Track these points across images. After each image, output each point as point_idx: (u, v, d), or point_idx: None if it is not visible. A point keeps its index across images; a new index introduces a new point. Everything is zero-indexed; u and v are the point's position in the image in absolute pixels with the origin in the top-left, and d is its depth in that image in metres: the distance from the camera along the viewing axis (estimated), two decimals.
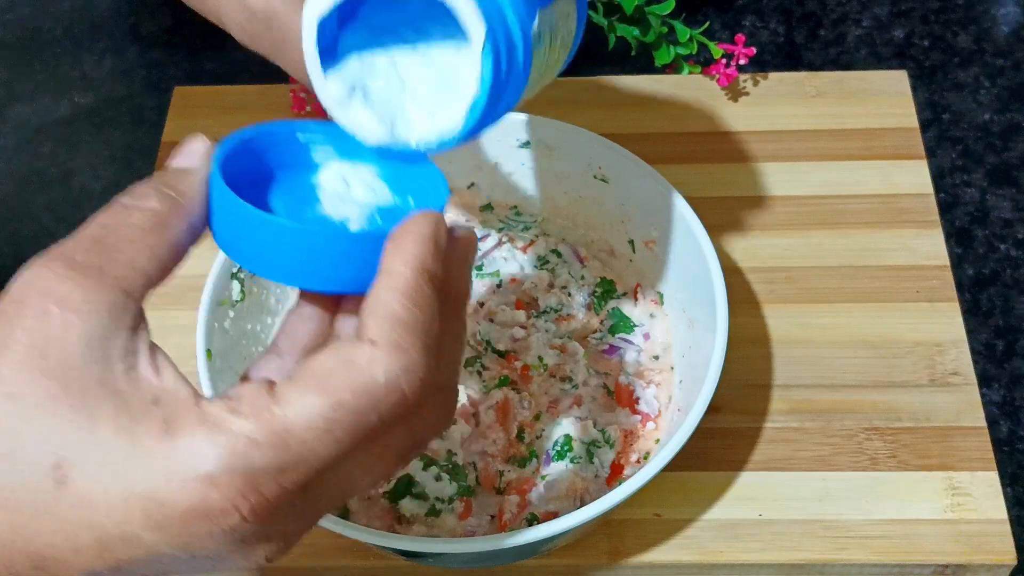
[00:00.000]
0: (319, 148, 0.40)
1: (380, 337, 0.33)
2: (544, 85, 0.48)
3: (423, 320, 0.34)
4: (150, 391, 0.32)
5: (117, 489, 0.30)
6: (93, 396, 0.31)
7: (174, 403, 0.32)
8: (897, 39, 0.86)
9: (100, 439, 0.30)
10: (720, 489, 0.63)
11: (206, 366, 0.57)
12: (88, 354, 0.31)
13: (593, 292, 0.68)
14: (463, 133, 0.39)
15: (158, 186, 0.36)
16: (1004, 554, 0.60)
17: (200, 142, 0.38)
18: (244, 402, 0.31)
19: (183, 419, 0.31)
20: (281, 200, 0.40)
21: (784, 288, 0.70)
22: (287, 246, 0.35)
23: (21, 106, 0.86)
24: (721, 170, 0.76)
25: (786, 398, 0.66)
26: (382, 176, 0.40)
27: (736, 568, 0.61)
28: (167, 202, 0.35)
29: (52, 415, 0.30)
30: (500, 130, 0.67)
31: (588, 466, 0.61)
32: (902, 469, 0.63)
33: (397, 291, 0.34)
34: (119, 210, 0.35)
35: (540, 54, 0.43)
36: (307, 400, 0.31)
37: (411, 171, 0.40)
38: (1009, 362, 0.70)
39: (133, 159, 0.82)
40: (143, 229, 0.34)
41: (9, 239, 0.79)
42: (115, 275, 0.33)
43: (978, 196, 0.77)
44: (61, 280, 0.32)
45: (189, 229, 0.36)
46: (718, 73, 0.78)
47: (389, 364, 0.32)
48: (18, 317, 0.32)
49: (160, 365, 0.33)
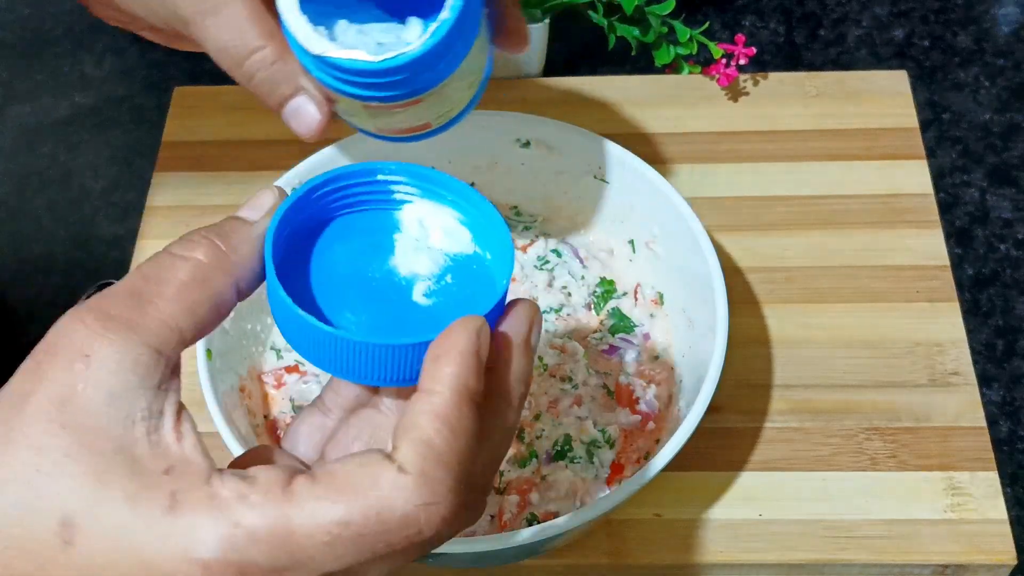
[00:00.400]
0: (400, 188, 0.39)
1: (409, 464, 0.31)
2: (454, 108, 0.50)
3: (457, 449, 0.32)
4: (166, 459, 0.31)
5: (118, 557, 0.30)
6: (107, 458, 0.30)
7: (187, 476, 0.31)
8: (897, 39, 0.86)
9: (107, 504, 0.30)
10: (720, 489, 0.63)
11: (206, 366, 0.57)
12: (109, 413, 0.31)
13: (593, 292, 0.68)
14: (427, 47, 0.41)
15: (209, 236, 0.35)
16: (1004, 554, 0.60)
17: (268, 195, 0.37)
18: (257, 489, 0.31)
19: (191, 495, 0.30)
20: (355, 243, 0.38)
21: (784, 288, 0.70)
22: (323, 343, 0.34)
23: (21, 106, 0.86)
24: (721, 170, 0.76)
25: (786, 398, 0.66)
26: (465, 223, 0.39)
27: (736, 568, 0.61)
28: (213, 255, 0.34)
29: (65, 473, 0.30)
30: (500, 130, 0.67)
31: (588, 466, 0.61)
32: (902, 469, 0.63)
33: (433, 415, 0.32)
34: (164, 259, 0.34)
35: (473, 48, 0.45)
36: (319, 508, 0.31)
37: (489, 223, 0.38)
38: (1009, 362, 0.70)
39: (133, 159, 0.82)
40: (184, 284, 0.33)
41: (9, 239, 0.79)
42: (147, 331, 0.32)
43: (978, 196, 0.77)
44: (91, 334, 0.31)
45: (234, 285, 0.35)
46: (718, 73, 0.78)
47: (411, 496, 0.31)
48: (47, 368, 0.31)
49: (183, 431, 0.32)
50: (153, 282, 0.33)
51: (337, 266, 0.37)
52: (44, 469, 0.30)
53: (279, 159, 0.70)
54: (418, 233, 0.39)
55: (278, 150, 0.76)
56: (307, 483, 0.31)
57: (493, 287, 0.37)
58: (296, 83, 0.47)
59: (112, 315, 0.32)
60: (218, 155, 0.78)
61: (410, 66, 0.42)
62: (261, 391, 0.65)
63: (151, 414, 0.32)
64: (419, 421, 0.32)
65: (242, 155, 0.78)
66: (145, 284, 0.33)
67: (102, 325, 0.32)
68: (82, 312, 0.32)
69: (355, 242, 0.38)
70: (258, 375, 0.65)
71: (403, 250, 0.38)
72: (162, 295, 0.33)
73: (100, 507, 0.30)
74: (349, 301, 0.37)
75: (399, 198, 0.39)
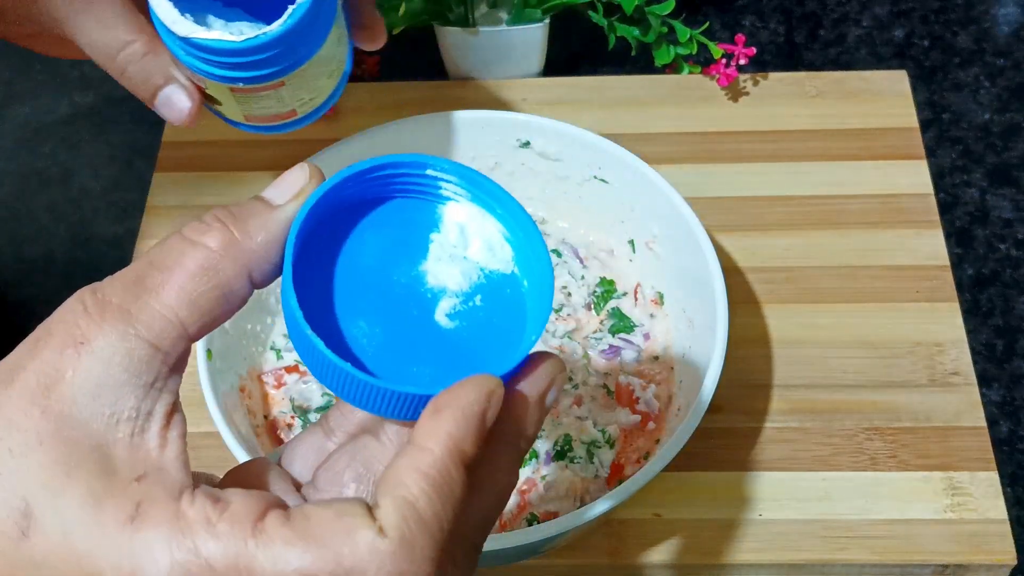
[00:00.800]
0: (449, 187, 0.35)
1: (389, 525, 0.29)
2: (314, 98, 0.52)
3: (442, 514, 0.30)
4: (142, 465, 0.30)
5: (66, 562, 0.28)
6: (80, 452, 0.29)
7: (158, 487, 0.29)
8: (897, 39, 0.86)
9: (69, 500, 0.29)
10: (720, 489, 0.63)
11: (206, 366, 0.57)
12: (93, 406, 0.29)
13: (593, 292, 0.68)
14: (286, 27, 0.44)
15: (225, 220, 0.32)
16: (1004, 554, 0.60)
17: (300, 174, 0.33)
18: (226, 517, 0.29)
19: (156, 510, 0.29)
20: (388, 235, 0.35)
21: (784, 288, 0.70)
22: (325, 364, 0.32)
23: (21, 106, 0.86)
24: (721, 170, 0.76)
25: (786, 398, 0.66)
26: (509, 240, 0.35)
27: (736, 568, 0.61)
28: (226, 242, 0.31)
29: (33, 459, 0.29)
30: (500, 130, 0.67)
31: (588, 466, 0.61)
32: (902, 469, 0.63)
33: (420, 473, 0.30)
34: (175, 244, 0.31)
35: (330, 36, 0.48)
36: (285, 552, 0.29)
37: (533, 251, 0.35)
38: (1009, 362, 0.70)
39: (133, 159, 0.82)
40: (190, 273, 0.31)
41: (9, 239, 0.79)
42: (144, 324, 0.30)
43: (978, 196, 0.77)
44: (88, 319, 0.30)
45: (246, 276, 0.32)
46: (718, 73, 0.78)
47: (386, 561, 0.29)
48: (42, 347, 0.30)
49: (169, 438, 0.30)
50: (158, 269, 0.31)
51: (363, 260, 0.34)
52: (15, 450, 0.29)
53: (279, 159, 0.70)
54: (456, 240, 0.35)
55: (278, 150, 0.76)
56: (279, 522, 0.29)
57: (522, 334, 0.34)
58: (167, 73, 0.50)
59: (112, 302, 0.30)
60: (218, 155, 0.78)
61: (271, 45, 0.45)
62: (261, 391, 0.65)
63: (138, 414, 0.30)
64: (405, 479, 0.30)
65: (242, 155, 0.78)
66: (150, 271, 0.31)
67: (100, 312, 0.30)
68: (86, 295, 0.31)
69: (388, 234, 0.35)
70: (258, 375, 0.65)
71: (436, 255, 0.35)
72: (166, 284, 0.31)
73: (60, 502, 0.29)
74: (367, 307, 0.34)
75: (445, 194, 0.35)
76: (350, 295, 0.34)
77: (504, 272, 0.35)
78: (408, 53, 0.85)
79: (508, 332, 0.34)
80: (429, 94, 0.80)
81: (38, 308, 0.76)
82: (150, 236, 0.74)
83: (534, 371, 0.34)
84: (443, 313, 0.35)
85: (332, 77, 0.52)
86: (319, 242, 0.34)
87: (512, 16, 0.79)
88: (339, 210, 0.34)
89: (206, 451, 0.63)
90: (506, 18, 0.80)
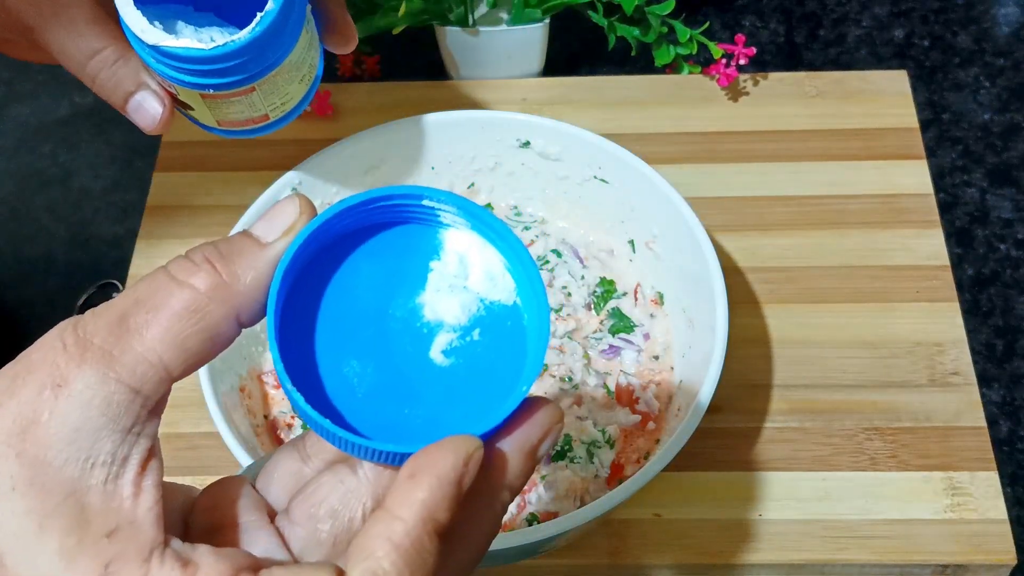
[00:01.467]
0: (447, 216, 0.34)
1: None
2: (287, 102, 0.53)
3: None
4: (115, 517, 0.29)
5: None
6: (54, 502, 0.28)
7: (129, 545, 0.29)
8: (897, 39, 0.86)
9: (41, 555, 0.28)
10: (720, 489, 0.63)
11: (206, 366, 0.57)
12: (69, 451, 0.29)
13: (593, 292, 0.68)
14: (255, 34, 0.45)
15: (212, 259, 0.31)
16: (1004, 554, 0.60)
17: (291, 208, 0.32)
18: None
19: (125, 573, 0.28)
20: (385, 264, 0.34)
21: (784, 288, 0.70)
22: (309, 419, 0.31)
23: (21, 106, 0.86)
24: (721, 170, 0.76)
25: (786, 398, 0.66)
26: (511, 271, 0.34)
27: (736, 568, 0.61)
28: (213, 284, 0.31)
29: (7, 507, 0.28)
30: (500, 130, 0.67)
31: (588, 466, 0.61)
32: (902, 469, 0.63)
33: (392, 544, 0.29)
34: (160, 282, 0.30)
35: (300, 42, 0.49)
36: None
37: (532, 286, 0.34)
38: (1009, 362, 0.70)
39: (133, 159, 0.82)
40: (175, 313, 0.30)
41: (9, 239, 0.79)
42: (125, 367, 0.29)
43: (978, 196, 0.77)
44: (68, 359, 0.29)
45: (234, 317, 0.31)
46: (718, 73, 0.78)
47: None
48: (20, 386, 0.29)
49: (143, 487, 0.30)
50: (143, 309, 0.30)
51: (358, 292, 0.33)
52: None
53: (279, 159, 0.70)
54: (457, 269, 0.34)
55: (278, 150, 0.76)
56: None
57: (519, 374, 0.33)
58: (138, 80, 0.50)
59: (94, 343, 0.29)
60: (218, 155, 0.78)
61: (240, 52, 0.46)
62: (261, 391, 0.65)
63: (114, 459, 0.29)
64: (376, 550, 0.29)
65: (242, 155, 0.78)
66: (135, 309, 0.30)
67: (80, 353, 0.29)
68: (67, 333, 0.30)
69: (386, 262, 0.34)
70: (258, 375, 0.65)
71: (436, 286, 0.34)
72: (150, 326, 0.30)
73: (32, 555, 0.28)
74: (360, 345, 0.33)
75: (445, 221, 0.34)
76: (342, 332, 0.33)
77: (506, 303, 0.34)
78: (408, 53, 0.85)
79: (505, 371, 0.33)
80: (429, 94, 0.80)
81: (38, 308, 0.76)
82: (150, 236, 0.74)
83: (527, 421, 0.32)
84: (439, 350, 0.33)
85: (303, 82, 0.52)
86: (312, 276, 0.33)
87: (512, 16, 0.79)
88: (334, 240, 0.33)
89: (206, 451, 0.63)
90: (506, 18, 0.80)
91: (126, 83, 0.50)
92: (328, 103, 0.79)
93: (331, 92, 0.79)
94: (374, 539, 0.29)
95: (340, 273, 0.33)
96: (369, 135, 0.66)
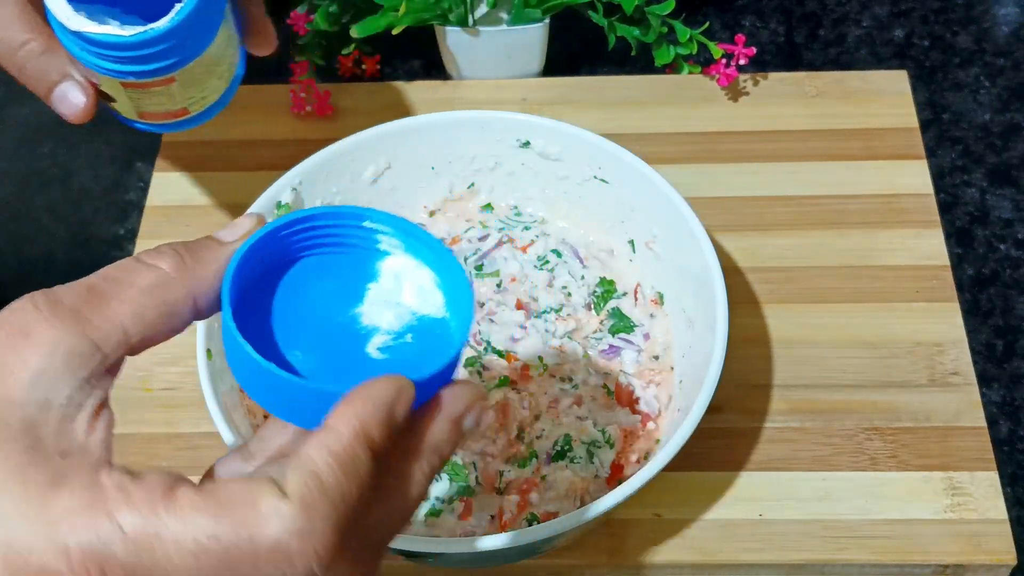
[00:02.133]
0: (385, 238, 0.39)
1: (292, 491, 0.31)
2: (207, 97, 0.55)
3: (345, 489, 0.32)
4: (68, 443, 0.32)
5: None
6: (11, 430, 0.31)
7: (78, 460, 0.31)
8: (897, 39, 0.86)
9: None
10: (720, 489, 0.63)
11: (206, 366, 0.57)
12: (29, 391, 0.32)
13: (593, 292, 0.68)
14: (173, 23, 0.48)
15: (178, 248, 0.36)
16: (1004, 554, 0.60)
17: (247, 220, 0.37)
18: (140, 487, 0.31)
19: (75, 478, 0.31)
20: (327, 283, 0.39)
21: (784, 288, 0.70)
22: (253, 371, 0.35)
23: (21, 106, 0.86)
24: (721, 170, 0.76)
25: (786, 398, 0.66)
26: (440, 286, 0.39)
27: (736, 568, 0.61)
28: (177, 266, 0.35)
29: None
30: (500, 130, 0.67)
31: (588, 466, 0.61)
32: (902, 469, 0.63)
33: (327, 449, 0.32)
34: (129, 264, 0.35)
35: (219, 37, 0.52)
36: (193, 517, 0.31)
37: (459, 289, 0.38)
38: (1009, 362, 0.70)
39: (133, 159, 0.82)
40: (140, 288, 0.34)
41: (9, 239, 0.79)
42: (91, 324, 0.33)
43: (978, 196, 0.77)
44: (37, 316, 0.32)
45: (191, 300, 0.35)
46: (718, 73, 0.78)
47: (286, 524, 0.31)
48: None
49: (96, 427, 0.33)
50: (112, 283, 0.34)
51: (303, 302, 0.38)
52: None
53: (279, 159, 0.70)
54: (391, 286, 0.39)
55: (278, 150, 0.76)
56: (189, 492, 0.31)
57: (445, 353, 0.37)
58: (63, 71, 0.52)
59: (63, 304, 0.33)
60: (218, 155, 0.78)
61: (158, 40, 0.49)
62: None
63: (69, 403, 0.32)
64: (312, 453, 0.32)
65: (242, 155, 0.78)
66: (103, 283, 0.34)
67: (50, 310, 0.32)
68: (37, 296, 0.33)
69: (328, 283, 0.38)
70: None
71: (372, 300, 0.38)
72: (117, 295, 0.34)
73: None
74: (303, 340, 0.37)
75: (383, 248, 0.39)
76: (288, 329, 0.37)
77: (435, 316, 0.38)
78: (408, 53, 0.85)
79: (434, 363, 0.36)
80: (429, 94, 0.80)
81: None
82: (150, 236, 0.74)
83: (453, 396, 0.36)
84: (375, 347, 0.37)
85: (223, 78, 0.55)
86: (265, 284, 0.38)
87: (512, 16, 0.79)
88: (284, 257, 0.38)
89: (206, 451, 0.63)
90: (506, 18, 0.80)
91: (51, 73, 0.52)
92: (328, 103, 0.79)
93: (331, 92, 0.79)
94: (311, 447, 0.32)
95: (287, 290, 0.38)
96: (369, 135, 0.66)
